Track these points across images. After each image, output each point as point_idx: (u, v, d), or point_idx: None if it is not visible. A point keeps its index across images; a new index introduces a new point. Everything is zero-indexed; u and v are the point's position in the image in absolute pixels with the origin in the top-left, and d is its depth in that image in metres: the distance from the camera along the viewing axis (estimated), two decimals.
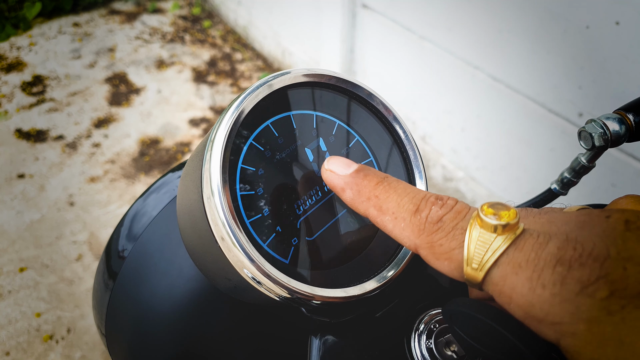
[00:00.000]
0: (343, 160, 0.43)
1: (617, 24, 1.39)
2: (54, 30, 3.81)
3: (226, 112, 0.44)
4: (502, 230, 0.31)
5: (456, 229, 0.34)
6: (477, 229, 0.32)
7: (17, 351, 1.94)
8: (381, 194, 0.39)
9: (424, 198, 0.37)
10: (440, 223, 0.34)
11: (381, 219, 0.38)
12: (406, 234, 0.36)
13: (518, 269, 0.30)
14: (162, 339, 0.64)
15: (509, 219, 0.31)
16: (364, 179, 0.40)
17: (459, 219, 0.34)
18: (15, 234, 2.36)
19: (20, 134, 2.92)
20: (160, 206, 0.68)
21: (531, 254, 0.30)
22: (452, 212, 0.35)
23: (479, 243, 0.31)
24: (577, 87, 1.58)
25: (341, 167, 0.42)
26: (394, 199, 0.38)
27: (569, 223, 0.32)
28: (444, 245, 0.34)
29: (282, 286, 0.41)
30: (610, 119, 0.49)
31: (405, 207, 0.37)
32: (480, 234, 0.32)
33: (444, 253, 0.34)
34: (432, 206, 0.36)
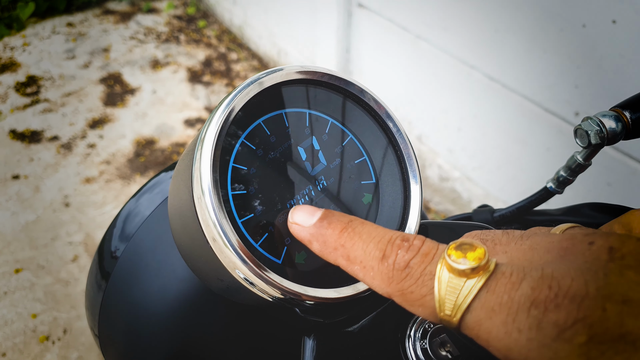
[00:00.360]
0: (307, 210, 0.41)
1: (613, 22, 1.39)
2: (47, 30, 3.79)
3: (216, 110, 0.43)
4: (472, 273, 0.29)
5: (424, 275, 0.32)
6: (446, 273, 0.31)
7: (14, 352, 1.93)
8: (346, 242, 0.37)
9: (390, 241, 0.35)
10: (408, 269, 0.33)
11: (351, 268, 0.37)
12: (377, 283, 0.35)
13: (492, 313, 0.28)
14: (155, 340, 0.63)
15: (478, 261, 0.29)
16: (328, 228, 0.39)
17: (426, 263, 0.33)
18: (10, 235, 2.35)
19: (15, 134, 2.90)
20: (152, 206, 0.67)
21: (504, 297, 0.28)
22: (418, 256, 0.33)
23: (449, 289, 0.30)
24: (573, 86, 1.58)
25: (305, 217, 0.41)
26: (360, 246, 0.36)
27: (550, 251, 0.31)
28: (414, 292, 0.32)
29: (274, 287, 0.41)
30: (607, 116, 0.49)
31: (372, 255, 0.35)
32: (450, 278, 0.30)
33: (416, 300, 0.32)
34: (399, 250, 0.34)
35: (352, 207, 0.48)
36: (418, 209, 0.48)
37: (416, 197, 0.49)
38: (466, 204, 2.26)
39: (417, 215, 0.48)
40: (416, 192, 0.49)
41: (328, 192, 0.47)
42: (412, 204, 0.49)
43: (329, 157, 0.48)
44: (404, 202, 0.49)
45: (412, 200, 0.49)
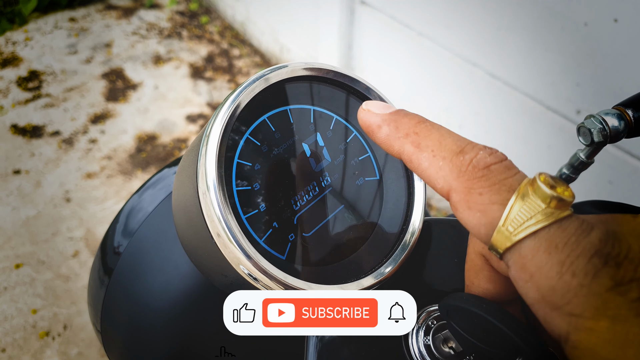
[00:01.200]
0: (382, 103, 0.40)
1: (615, 21, 1.39)
2: (50, 25, 3.79)
3: (222, 106, 0.43)
4: (555, 204, 0.29)
5: (503, 184, 0.31)
6: (530, 192, 0.29)
7: (13, 348, 1.94)
8: (422, 131, 0.36)
9: (471, 142, 0.34)
10: (487, 171, 0.31)
11: (417, 156, 0.35)
12: (442, 174, 0.33)
13: (554, 249, 0.28)
14: (157, 336, 0.63)
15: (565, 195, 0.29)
16: (405, 117, 0.37)
17: (508, 175, 0.31)
18: (11, 230, 2.35)
19: (16, 129, 2.90)
20: (156, 202, 0.67)
21: (572, 238, 0.28)
22: (501, 165, 0.32)
23: (525, 207, 0.29)
24: (575, 84, 1.58)
25: (380, 107, 0.40)
26: (436, 137, 0.35)
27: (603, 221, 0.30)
28: (483, 195, 0.31)
29: (278, 282, 0.41)
30: (610, 114, 0.49)
31: (447, 147, 0.33)
32: (532, 198, 0.29)
33: (481, 204, 0.31)
34: (480, 151, 0.33)
35: (356, 203, 0.48)
36: (422, 205, 0.49)
37: (420, 194, 0.49)
38: None
39: (421, 212, 0.48)
40: (420, 189, 0.49)
41: (332, 188, 0.47)
42: (415, 201, 0.49)
43: (333, 154, 0.48)
44: (407, 199, 0.49)
45: (416, 197, 0.49)
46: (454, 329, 0.39)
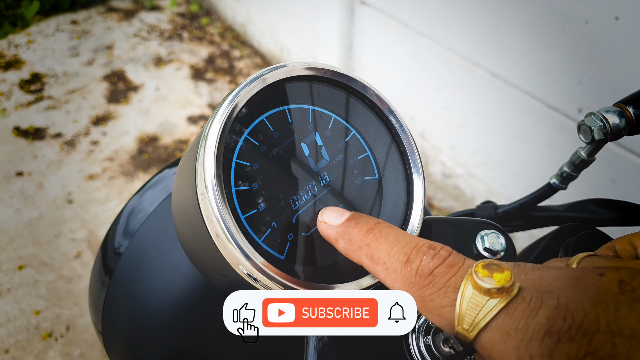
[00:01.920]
0: (336, 211, 0.43)
1: (616, 19, 1.38)
2: (52, 28, 3.80)
3: (220, 106, 0.43)
4: (496, 293, 0.30)
5: (448, 286, 0.33)
6: (470, 289, 0.31)
7: (17, 349, 1.94)
8: (372, 242, 0.38)
9: (416, 247, 0.36)
10: (431, 277, 0.34)
11: (373, 268, 0.38)
12: (397, 286, 0.36)
13: (507, 336, 0.29)
14: (158, 336, 0.63)
15: (503, 283, 0.30)
16: (355, 228, 0.40)
17: (450, 274, 0.33)
18: (14, 232, 2.36)
19: (19, 131, 2.91)
20: (156, 202, 0.67)
21: (521, 322, 0.29)
22: (444, 266, 0.34)
23: (471, 304, 0.31)
24: (576, 82, 1.57)
25: (333, 217, 0.42)
26: (385, 247, 0.37)
27: (560, 279, 0.31)
28: (435, 301, 0.33)
29: (278, 282, 0.41)
30: (610, 112, 0.49)
31: (395, 257, 0.36)
32: (473, 295, 0.31)
33: (435, 309, 0.33)
34: (424, 256, 0.35)
35: (355, 203, 0.48)
36: (421, 205, 0.48)
37: (419, 193, 0.49)
38: (469, 200, 2.26)
39: (420, 212, 0.48)
40: (419, 188, 0.49)
41: (331, 188, 0.47)
42: (415, 200, 0.49)
43: (332, 153, 0.48)
44: (407, 198, 0.49)
45: (415, 196, 0.49)
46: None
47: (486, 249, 0.49)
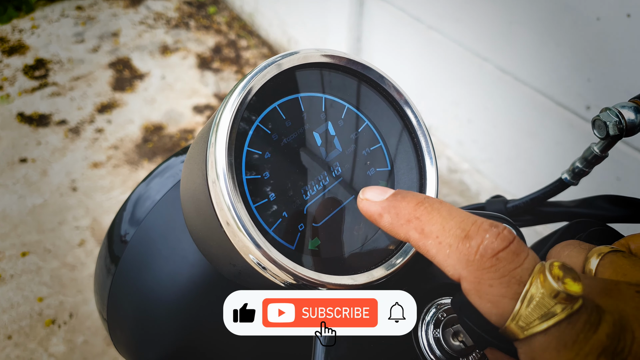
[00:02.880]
0: (379, 188, 0.40)
1: (628, 16, 1.37)
2: (56, 13, 3.79)
3: (232, 92, 0.42)
4: (564, 299, 0.28)
5: (512, 276, 0.30)
6: (539, 287, 0.29)
7: (20, 335, 1.95)
8: (423, 215, 0.35)
9: (475, 223, 0.33)
10: (495, 260, 0.30)
11: (423, 242, 0.34)
12: (451, 262, 0.32)
13: (562, 347, 0.28)
14: (164, 324, 0.63)
15: (575, 291, 0.28)
16: (402, 201, 0.37)
17: (516, 264, 0.30)
18: (17, 219, 2.36)
19: (23, 118, 2.91)
20: (163, 190, 0.67)
21: (580, 335, 0.28)
22: (508, 252, 0.31)
23: (537, 305, 0.29)
24: (585, 79, 1.56)
25: (377, 194, 0.39)
26: (438, 220, 0.34)
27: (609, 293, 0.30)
28: (493, 287, 0.30)
29: (287, 272, 0.40)
30: (626, 107, 0.48)
31: (452, 232, 0.33)
32: (541, 295, 0.29)
33: (491, 295, 0.30)
34: (486, 234, 0.32)
35: None
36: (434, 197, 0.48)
37: (432, 186, 0.48)
38: (474, 196, 2.25)
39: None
40: (432, 181, 0.49)
41: (343, 178, 0.47)
42: (427, 192, 0.48)
43: (344, 143, 0.48)
44: (419, 190, 0.49)
45: (428, 189, 0.48)
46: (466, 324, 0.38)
47: None
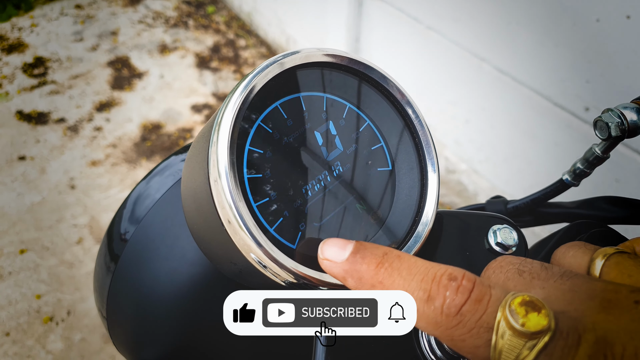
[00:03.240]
0: (337, 243, 0.39)
1: (627, 17, 1.37)
2: (55, 11, 3.78)
3: (234, 91, 0.42)
4: (533, 334, 0.28)
5: (480, 326, 0.30)
6: (505, 330, 0.29)
7: (17, 332, 1.95)
8: (384, 279, 0.35)
9: (434, 280, 0.33)
10: (459, 316, 0.31)
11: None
12: (422, 325, 0.33)
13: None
14: (163, 323, 0.63)
15: (541, 326, 0.28)
16: (362, 264, 0.37)
17: (480, 312, 0.31)
18: (15, 216, 2.36)
19: (22, 115, 2.90)
20: (163, 189, 0.67)
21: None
22: (471, 302, 0.31)
23: (508, 347, 0.29)
24: (584, 81, 1.56)
25: (336, 252, 0.38)
26: (400, 284, 0.34)
27: (593, 299, 0.30)
28: (466, 341, 0.31)
29: (288, 271, 0.40)
30: (628, 108, 0.48)
31: (415, 295, 0.33)
32: (509, 336, 0.29)
33: (468, 348, 0.31)
34: (446, 292, 0.32)
35: (367, 194, 0.47)
36: (435, 198, 0.48)
37: (433, 185, 0.48)
38: (472, 196, 2.26)
39: (434, 204, 0.48)
40: (434, 181, 0.48)
41: (344, 178, 0.47)
42: (429, 192, 0.48)
43: (345, 143, 0.48)
44: (420, 191, 0.49)
45: (430, 189, 0.48)
46: None
47: (498, 244, 0.49)
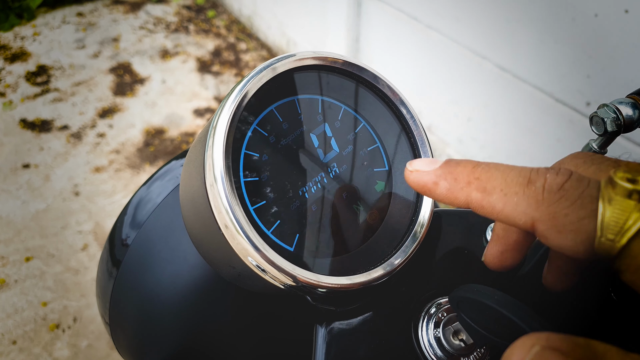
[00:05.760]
0: (425, 159, 0.39)
1: (626, 12, 1.37)
2: (57, 20, 3.80)
3: (229, 96, 0.43)
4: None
5: (583, 197, 0.30)
6: (613, 194, 0.28)
7: (24, 340, 1.95)
8: (482, 174, 0.34)
9: (533, 170, 0.32)
10: (562, 191, 0.30)
11: (487, 200, 0.34)
12: (521, 209, 0.32)
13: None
14: (165, 328, 0.63)
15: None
16: (458, 166, 0.36)
17: (583, 187, 0.30)
18: (21, 224, 2.37)
19: (25, 124, 2.92)
20: (164, 193, 0.67)
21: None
22: (572, 181, 0.31)
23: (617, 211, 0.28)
24: (585, 76, 1.56)
25: (427, 163, 0.38)
26: (499, 175, 0.34)
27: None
28: (570, 215, 0.30)
29: (287, 274, 0.41)
30: (623, 103, 0.48)
31: (514, 181, 0.33)
32: (617, 201, 0.28)
33: (570, 224, 0.30)
34: (546, 174, 0.31)
35: (365, 194, 0.48)
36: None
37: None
38: None
39: (431, 203, 0.48)
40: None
41: (340, 179, 0.47)
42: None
43: (341, 144, 0.48)
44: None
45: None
46: (465, 321, 0.39)
47: None
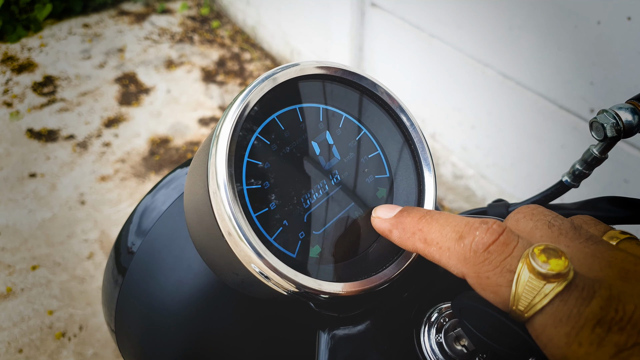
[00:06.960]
0: (388, 206, 0.45)
1: (628, 19, 1.37)
2: (64, 31, 3.84)
3: (231, 106, 0.43)
4: (552, 278, 0.30)
5: (503, 266, 0.33)
6: (527, 272, 0.31)
7: (30, 348, 1.96)
8: (424, 226, 0.40)
9: (467, 224, 0.36)
10: (486, 254, 0.34)
11: (428, 250, 0.39)
12: (452, 263, 0.36)
13: (559, 322, 0.30)
14: (171, 335, 0.64)
15: (560, 269, 0.30)
16: (407, 217, 0.42)
17: (506, 254, 0.33)
18: (27, 233, 2.38)
19: (32, 133, 2.94)
20: (169, 201, 0.68)
21: (574, 310, 0.30)
22: (498, 244, 0.34)
23: (527, 288, 0.31)
24: (588, 83, 1.56)
25: (386, 212, 0.44)
26: (437, 229, 0.38)
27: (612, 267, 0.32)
28: (490, 279, 0.33)
29: (289, 281, 0.41)
30: (623, 109, 0.48)
31: (448, 236, 0.37)
32: (530, 278, 0.31)
33: (490, 286, 0.34)
34: (476, 232, 0.35)
35: (366, 201, 0.48)
36: (432, 202, 0.48)
37: (430, 191, 0.49)
38: (480, 201, 2.25)
39: (432, 208, 0.48)
40: (430, 186, 0.49)
41: (342, 186, 0.47)
42: (426, 198, 0.49)
43: (342, 152, 0.48)
44: (418, 197, 0.49)
45: (427, 194, 0.49)
46: (467, 328, 0.39)
47: None
